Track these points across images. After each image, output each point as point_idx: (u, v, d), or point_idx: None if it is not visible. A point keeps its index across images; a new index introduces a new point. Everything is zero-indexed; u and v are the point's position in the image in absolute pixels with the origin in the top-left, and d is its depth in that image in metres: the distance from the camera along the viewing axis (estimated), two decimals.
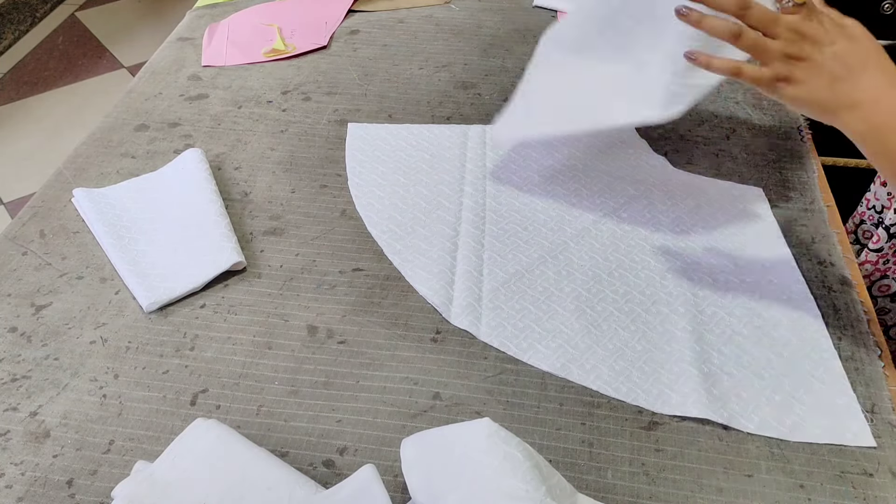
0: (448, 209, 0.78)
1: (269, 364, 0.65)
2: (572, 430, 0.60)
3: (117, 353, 0.66)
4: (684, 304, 0.68)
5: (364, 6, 1.14)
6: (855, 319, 0.67)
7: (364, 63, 1.02)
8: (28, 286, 0.72)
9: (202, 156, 0.83)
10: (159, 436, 0.60)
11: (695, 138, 0.88)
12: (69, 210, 0.80)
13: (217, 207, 0.77)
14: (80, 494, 0.56)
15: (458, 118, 0.92)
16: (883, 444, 0.58)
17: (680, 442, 0.59)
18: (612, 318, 0.67)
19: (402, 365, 0.65)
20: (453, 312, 0.68)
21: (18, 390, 0.64)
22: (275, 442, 0.59)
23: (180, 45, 1.08)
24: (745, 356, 0.64)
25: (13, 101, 2.35)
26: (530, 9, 1.13)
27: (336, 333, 0.68)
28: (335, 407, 0.62)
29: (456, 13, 1.13)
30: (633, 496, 0.56)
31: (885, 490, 0.56)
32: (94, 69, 2.50)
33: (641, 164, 0.84)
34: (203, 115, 0.94)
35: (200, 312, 0.70)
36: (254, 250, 0.76)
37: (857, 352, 0.65)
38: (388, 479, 0.56)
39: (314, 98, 0.96)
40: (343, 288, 0.72)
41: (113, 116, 0.94)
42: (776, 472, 0.57)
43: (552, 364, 0.64)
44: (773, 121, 0.90)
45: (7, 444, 0.60)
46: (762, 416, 0.60)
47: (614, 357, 0.64)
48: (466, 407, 0.62)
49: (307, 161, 0.86)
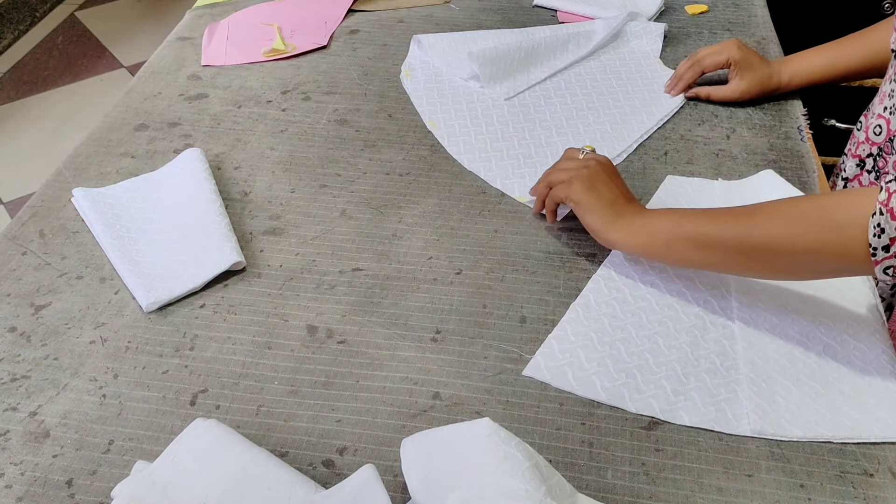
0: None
1: (268, 364, 0.65)
2: (572, 430, 0.60)
3: (117, 352, 0.66)
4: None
5: (364, 6, 1.14)
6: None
7: (364, 63, 1.02)
8: (28, 286, 0.72)
9: (202, 155, 0.83)
10: (159, 436, 0.60)
11: (695, 138, 0.88)
12: (69, 210, 0.80)
13: (217, 207, 0.77)
14: (79, 494, 0.56)
15: None
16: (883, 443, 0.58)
17: (680, 442, 0.59)
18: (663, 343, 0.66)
19: (402, 365, 0.65)
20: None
21: (18, 390, 0.64)
22: (275, 442, 0.59)
23: (180, 44, 1.07)
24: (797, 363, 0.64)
25: (13, 100, 2.35)
26: (530, 9, 1.13)
27: (336, 333, 0.68)
28: (335, 407, 0.62)
29: (456, 13, 1.13)
30: (633, 496, 0.56)
31: (885, 490, 0.56)
32: (93, 69, 2.50)
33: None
34: (203, 114, 0.94)
35: (200, 312, 0.70)
36: (253, 250, 0.76)
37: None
38: (388, 479, 0.56)
39: (314, 98, 0.96)
40: (343, 288, 0.72)
41: (112, 116, 0.94)
42: (776, 472, 0.57)
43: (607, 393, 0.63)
44: (773, 121, 0.90)
45: (7, 444, 0.60)
46: (809, 419, 0.60)
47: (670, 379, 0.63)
48: (466, 407, 0.62)
49: (307, 161, 0.86)
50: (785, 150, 0.86)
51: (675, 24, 1.08)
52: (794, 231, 0.59)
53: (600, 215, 0.70)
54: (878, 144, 0.82)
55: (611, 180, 0.72)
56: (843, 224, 0.56)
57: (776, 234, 0.60)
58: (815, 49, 0.90)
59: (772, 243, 0.60)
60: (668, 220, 0.67)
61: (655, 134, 0.89)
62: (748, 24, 1.08)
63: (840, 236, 0.56)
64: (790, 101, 0.93)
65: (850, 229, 0.56)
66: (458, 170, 0.85)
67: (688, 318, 0.68)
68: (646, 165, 0.85)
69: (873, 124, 0.83)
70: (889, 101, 0.80)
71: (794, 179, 0.81)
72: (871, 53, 0.86)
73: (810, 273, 0.63)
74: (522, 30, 1.05)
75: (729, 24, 1.08)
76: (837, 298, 0.69)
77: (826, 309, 0.68)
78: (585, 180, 0.71)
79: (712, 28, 1.08)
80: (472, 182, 0.84)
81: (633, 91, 0.95)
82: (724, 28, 1.08)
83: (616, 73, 0.98)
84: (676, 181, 0.82)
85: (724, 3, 1.13)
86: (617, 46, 1.03)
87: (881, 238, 0.54)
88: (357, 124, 0.92)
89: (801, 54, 0.91)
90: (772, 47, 1.03)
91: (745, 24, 1.08)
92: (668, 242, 0.67)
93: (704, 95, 0.93)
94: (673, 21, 1.09)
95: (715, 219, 0.64)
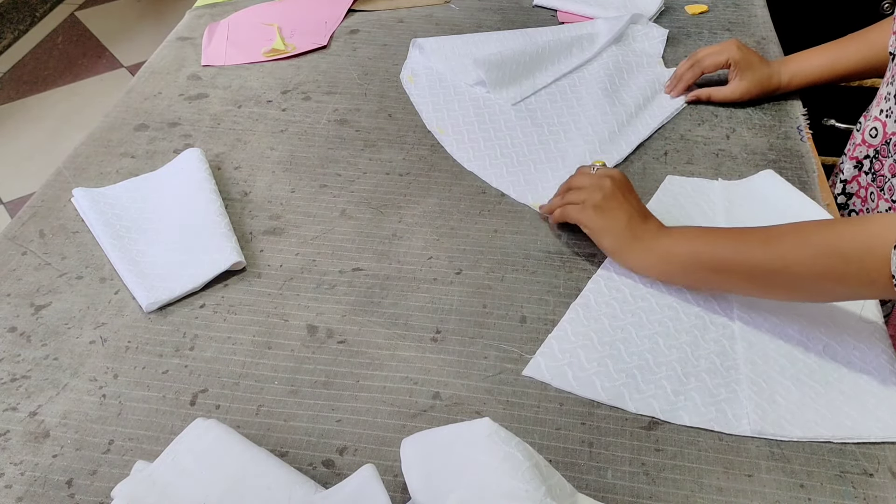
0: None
1: (268, 364, 0.65)
2: (572, 430, 0.60)
3: (117, 352, 0.66)
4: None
5: (364, 6, 1.14)
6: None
7: (364, 63, 1.02)
8: (28, 286, 0.72)
9: (202, 155, 0.83)
10: (159, 436, 0.60)
11: (695, 138, 0.88)
12: (69, 210, 0.80)
13: (217, 207, 0.77)
14: (79, 494, 0.56)
15: None
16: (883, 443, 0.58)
17: (680, 442, 0.59)
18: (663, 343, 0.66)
19: (402, 365, 0.65)
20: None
21: (18, 390, 0.64)
22: (274, 442, 0.59)
23: (180, 44, 1.07)
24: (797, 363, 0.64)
25: (13, 100, 2.35)
26: (530, 8, 1.13)
27: (336, 333, 0.68)
28: (335, 407, 0.62)
29: (456, 13, 1.13)
30: (633, 496, 0.56)
31: (885, 490, 0.56)
32: (93, 69, 2.50)
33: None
34: (203, 114, 0.94)
35: (200, 312, 0.70)
36: (253, 250, 0.76)
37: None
38: (388, 479, 0.56)
39: (314, 98, 0.96)
40: (343, 288, 0.72)
41: (112, 116, 0.94)
42: (776, 472, 0.57)
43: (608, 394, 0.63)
44: (773, 121, 0.90)
45: (7, 444, 0.60)
46: (810, 419, 0.60)
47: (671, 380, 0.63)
48: (466, 407, 0.62)
49: (307, 161, 0.86)
50: (785, 150, 0.86)
51: (675, 24, 1.08)
52: (814, 260, 0.59)
53: (615, 239, 0.70)
54: (875, 147, 0.82)
55: (625, 199, 0.70)
56: (865, 255, 0.56)
57: (797, 262, 0.59)
58: (814, 49, 0.90)
59: (792, 271, 0.60)
60: (686, 244, 0.67)
61: (655, 134, 0.89)
62: (748, 24, 1.08)
63: (861, 267, 0.56)
64: (790, 101, 0.93)
65: (872, 261, 0.55)
66: (458, 170, 0.85)
67: (688, 318, 0.68)
68: (646, 165, 0.85)
69: (869, 126, 0.83)
70: (886, 103, 0.80)
71: (794, 179, 0.81)
72: (871, 54, 0.86)
73: (829, 298, 0.64)
74: (524, 31, 1.05)
75: (729, 24, 1.08)
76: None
77: (826, 309, 0.68)
78: (599, 205, 0.70)
79: (712, 28, 1.08)
80: (472, 182, 0.84)
81: (637, 92, 0.95)
82: (724, 28, 1.08)
83: (620, 74, 0.98)
84: (676, 181, 0.82)
85: (724, 3, 1.13)
86: (620, 48, 1.03)
87: None
88: (357, 124, 0.92)
89: (801, 54, 0.91)
90: (772, 47, 1.03)
91: (745, 24, 1.08)
92: (685, 267, 0.67)
93: (705, 97, 0.93)
94: (673, 21, 1.09)
95: (735, 243, 0.64)
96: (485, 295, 0.71)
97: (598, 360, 0.64)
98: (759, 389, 0.62)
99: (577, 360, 0.64)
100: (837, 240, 0.58)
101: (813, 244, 0.59)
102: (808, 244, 0.60)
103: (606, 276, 0.72)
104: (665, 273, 0.69)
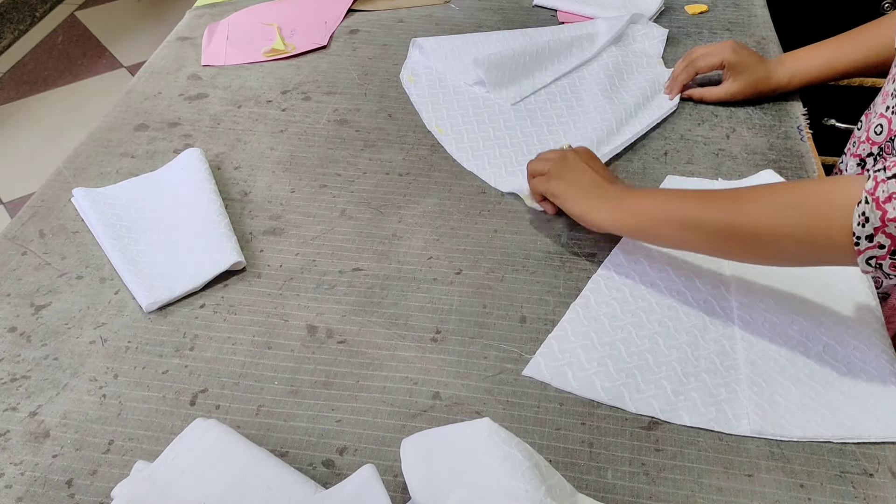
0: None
1: (268, 364, 0.65)
2: (572, 430, 0.60)
3: (117, 352, 0.66)
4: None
5: (364, 6, 1.14)
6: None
7: (364, 63, 1.02)
8: (27, 286, 0.72)
9: (202, 155, 0.83)
10: (159, 436, 0.60)
11: (695, 138, 0.88)
12: (69, 210, 0.80)
13: (216, 207, 0.77)
14: (79, 494, 0.56)
15: None
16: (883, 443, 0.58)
17: (680, 442, 0.59)
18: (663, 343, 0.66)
19: (402, 365, 0.65)
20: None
21: (18, 390, 0.64)
22: (274, 442, 0.59)
23: (180, 44, 1.07)
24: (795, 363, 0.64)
25: (13, 100, 2.35)
26: (530, 8, 1.13)
27: (336, 333, 0.68)
28: (335, 407, 0.62)
29: (456, 13, 1.13)
30: (633, 496, 0.56)
31: (885, 490, 0.56)
32: (93, 69, 2.50)
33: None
34: (203, 114, 0.94)
35: (200, 312, 0.70)
36: (253, 250, 0.76)
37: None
38: (388, 479, 0.56)
39: (314, 98, 0.96)
40: (343, 288, 0.72)
41: (112, 116, 0.94)
42: (776, 472, 0.57)
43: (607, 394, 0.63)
44: (773, 121, 0.90)
45: (7, 444, 0.60)
46: (810, 419, 0.60)
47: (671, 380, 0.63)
48: (466, 407, 0.62)
49: (307, 161, 0.86)
50: (785, 149, 0.86)
51: (675, 24, 1.08)
52: (778, 216, 0.59)
53: (581, 199, 0.71)
54: (879, 144, 0.82)
55: (590, 167, 0.72)
56: (828, 211, 0.56)
57: (761, 219, 0.59)
58: (813, 47, 0.90)
59: (756, 228, 0.60)
60: (655, 200, 0.68)
61: (655, 134, 0.89)
62: (748, 24, 1.08)
63: (824, 224, 0.56)
64: (790, 101, 0.93)
65: (834, 217, 0.55)
66: (458, 170, 0.85)
67: (688, 318, 0.68)
68: (646, 165, 0.85)
69: (875, 123, 0.83)
70: (892, 100, 0.80)
71: (794, 179, 0.81)
72: (871, 52, 0.86)
73: (794, 259, 0.63)
74: (524, 31, 1.05)
75: (729, 24, 1.08)
76: (837, 298, 0.69)
77: (826, 309, 0.68)
78: (562, 174, 0.73)
79: (712, 28, 1.08)
80: (472, 182, 0.84)
81: (637, 92, 0.95)
82: (724, 28, 1.08)
83: (620, 74, 0.98)
84: (676, 181, 0.82)
85: (724, 3, 1.13)
86: (620, 48, 1.03)
87: (865, 227, 0.54)
88: (357, 124, 0.92)
89: (800, 53, 0.91)
90: (772, 47, 1.03)
91: (745, 24, 1.08)
92: (654, 222, 0.67)
93: (697, 97, 0.93)
94: (673, 21, 1.09)
95: (703, 200, 0.65)
96: (485, 295, 0.71)
97: (598, 360, 0.64)
98: (759, 389, 0.62)
99: (577, 360, 0.64)
100: (803, 196, 0.59)
101: (779, 200, 0.59)
102: (775, 200, 0.60)
103: (606, 276, 0.72)
104: (632, 228, 0.69)
